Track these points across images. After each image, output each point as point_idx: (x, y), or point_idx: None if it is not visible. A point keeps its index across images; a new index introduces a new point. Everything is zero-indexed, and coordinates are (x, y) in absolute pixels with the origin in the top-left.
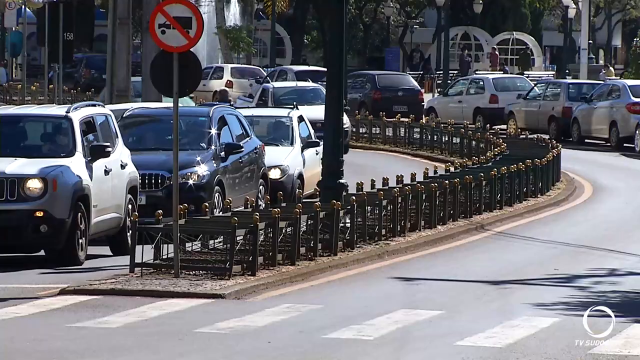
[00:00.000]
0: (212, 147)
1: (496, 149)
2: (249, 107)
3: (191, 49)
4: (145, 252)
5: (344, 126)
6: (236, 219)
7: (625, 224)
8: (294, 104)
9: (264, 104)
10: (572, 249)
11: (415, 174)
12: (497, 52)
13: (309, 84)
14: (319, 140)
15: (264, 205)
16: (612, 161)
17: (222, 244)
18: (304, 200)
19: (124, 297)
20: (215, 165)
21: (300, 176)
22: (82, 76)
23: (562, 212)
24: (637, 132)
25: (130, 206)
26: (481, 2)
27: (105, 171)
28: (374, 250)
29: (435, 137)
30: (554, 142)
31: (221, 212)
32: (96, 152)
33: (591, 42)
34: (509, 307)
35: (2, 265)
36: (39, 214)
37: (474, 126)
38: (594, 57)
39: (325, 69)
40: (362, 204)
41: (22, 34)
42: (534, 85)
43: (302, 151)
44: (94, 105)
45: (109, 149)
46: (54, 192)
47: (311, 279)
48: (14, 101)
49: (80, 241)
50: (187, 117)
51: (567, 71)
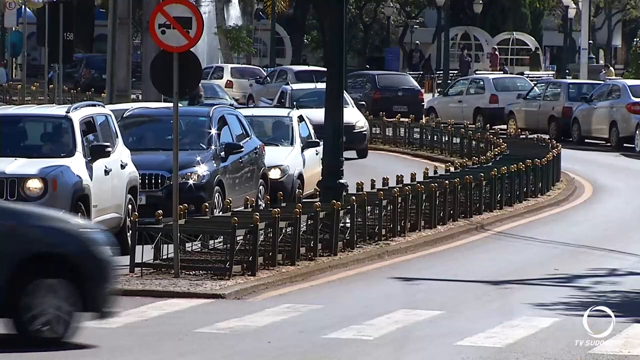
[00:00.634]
0: (212, 147)
1: (496, 149)
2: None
3: (191, 49)
4: (145, 252)
5: (362, 129)
6: (236, 219)
7: (625, 224)
8: (294, 104)
9: (282, 106)
10: (572, 249)
11: (415, 174)
12: (497, 52)
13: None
14: (319, 140)
15: (264, 205)
16: (612, 161)
17: (222, 244)
18: (304, 200)
19: (124, 297)
20: (215, 165)
21: (300, 176)
22: (82, 76)
23: (562, 212)
24: (637, 132)
25: (130, 206)
26: (481, 2)
27: (105, 171)
28: (374, 250)
29: (435, 137)
30: (554, 142)
31: (221, 212)
32: (96, 152)
33: (591, 42)
34: (509, 307)
35: None
36: None
37: (474, 126)
38: (594, 57)
39: (325, 69)
40: (362, 204)
41: (22, 34)
42: (534, 85)
43: (302, 151)
44: (94, 105)
45: (109, 149)
46: (54, 192)
47: (311, 279)
48: (14, 101)
49: None
50: (187, 117)
51: (567, 71)
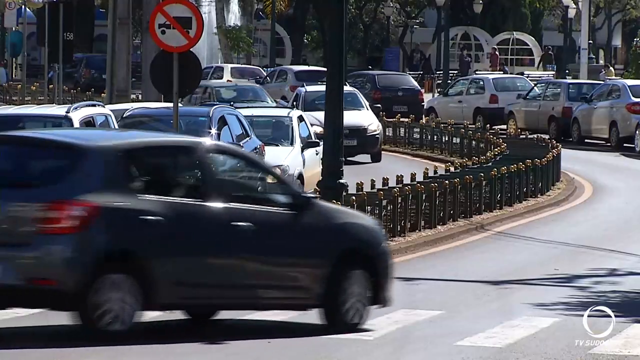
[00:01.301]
0: None
1: (496, 149)
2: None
3: (191, 49)
4: None
5: (375, 132)
6: None
7: (625, 224)
8: (294, 103)
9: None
10: (572, 249)
11: (415, 174)
12: (497, 52)
13: (344, 88)
14: (319, 140)
15: None
16: (612, 161)
17: None
18: None
19: None
20: None
21: (300, 176)
22: (82, 76)
23: (562, 212)
24: (637, 132)
25: None
26: (481, 2)
27: None
28: None
29: (435, 137)
30: (554, 142)
31: None
32: None
33: (591, 42)
34: (509, 307)
35: None
36: None
37: (474, 126)
38: (594, 57)
39: (325, 69)
40: (362, 204)
41: (22, 34)
42: (534, 85)
43: (302, 151)
44: (94, 105)
45: None
46: None
47: None
48: (14, 101)
49: None
50: (187, 117)
51: (567, 71)
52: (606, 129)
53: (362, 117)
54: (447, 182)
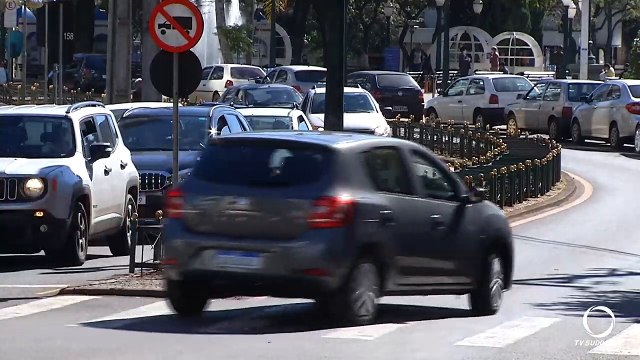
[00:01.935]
0: None
1: (496, 149)
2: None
3: (191, 49)
4: (145, 252)
5: (382, 135)
6: None
7: (625, 224)
8: (294, 103)
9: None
10: (572, 249)
11: None
12: (497, 53)
13: (355, 90)
14: None
15: None
16: (612, 161)
17: None
18: None
19: (124, 297)
20: None
21: None
22: (82, 76)
23: (562, 212)
24: (637, 132)
25: (130, 206)
26: (481, 2)
27: (105, 171)
28: None
29: (435, 137)
30: (554, 142)
31: None
32: (96, 152)
33: (591, 42)
34: (509, 307)
35: (2, 265)
36: (39, 214)
37: (474, 126)
38: (594, 57)
39: (325, 69)
40: None
41: (22, 34)
42: (534, 85)
43: None
44: (94, 105)
45: (109, 149)
46: (54, 192)
47: None
48: (14, 101)
49: (80, 241)
50: (187, 117)
51: (567, 71)
52: (606, 129)
53: (369, 120)
54: None
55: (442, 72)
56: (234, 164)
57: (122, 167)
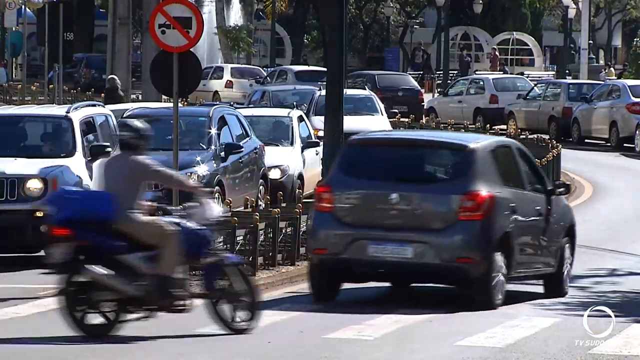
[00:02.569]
0: (212, 147)
1: None
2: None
3: (191, 49)
4: None
5: None
6: (236, 219)
7: (625, 224)
8: (294, 103)
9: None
10: None
11: None
12: (497, 53)
13: (361, 92)
14: (319, 140)
15: (264, 205)
16: (612, 161)
17: (222, 244)
18: (304, 200)
19: None
20: (215, 165)
21: (300, 176)
22: (82, 76)
23: None
24: (637, 132)
25: None
26: (481, 2)
27: None
28: None
29: None
30: (554, 142)
31: None
32: (96, 152)
33: (591, 42)
34: (509, 307)
35: (2, 265)
36: (39, 214)
37: (474, 126)
38: (594, 57)
39: (325, 69)
40: None
41: (22, 34)
42: (534, 85)
43: (302, 151)
44: (94, 105)
45: (109, 149)
46: (54, 192)
47: None
48: (14, 101)
49: None
50: (187, 117)
51: (567, 71)
52: (606, 129)
53: (371, 123)
54: None
55: (442, 72)
56: (377, 161)
57: None
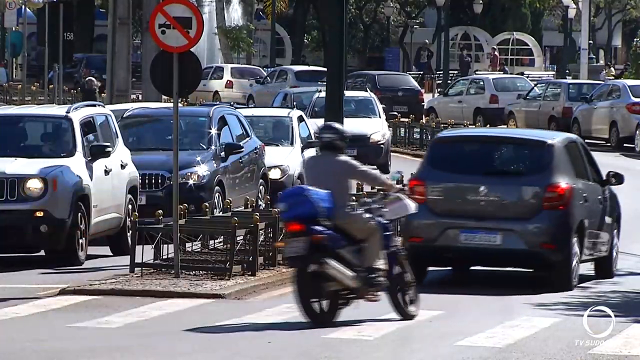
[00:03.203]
0: (212, 147)
1: None
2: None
3: (191, 49)
4: (145, 252)
5: (379, 142)
6: (236, 219)
7: (625, 224)
8: (294, 104)
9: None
10: None
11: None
12: (496, 53)
13: (360, 94)
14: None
15: (264, 205)
16: (612, 161)
17: (222, 244)
18: None
19: (124, 297)
20: (215, 165)
21: (300, 176)
22: (82, 76)
23: None
24: (637, 132)
25: (130, 206)
26: (481, 2)
27: (105, 171)
28: None
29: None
30: None
31: (221, 212)
32: (96, 152)
33: (591, 42)
34: (509, 307)
35: (2, 265)
36: (39, 214)
37: (474, 126)
38: (594, 57)
39: (325, 69)
40: None
41: (22, 34)
42: (534, 85)
43: (302, 151)
44: (94, 105)
45: (109, 149)
46: (54, 192)
47: None
48: (14, 101)
49: (80, 241)
50: (187, 117)
51: (567, 71)
52: (606, 129)
53: (366, 125)
54: None
55: (442, 72)
56: (465, 156)
57: (122, 167)
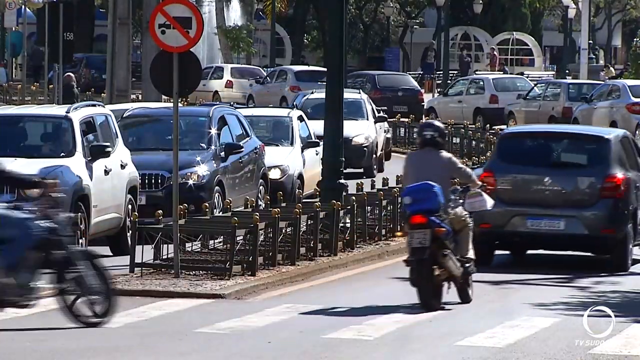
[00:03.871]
0: (212, 147)
1: None
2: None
3: (191, 49)
4: (145, 252)
5: (362, 144)
6: (236, 219)
7: None
8: (295, 104)
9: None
10: None
11: None
12: (496, 52)
13: (351, 95)
14: (318, 140)
15: (264, 205)
16: None
17: (222, 244)
18: (304, 200)
19: (124, 297)
20: (215, 165)
21: (300, 176)
22: (82, 76)
23: None
24: (637, 132)
25: (130, 206)
26: (481, 2)
27: (105, 171)
28: (374, 250)
29: None
30: None
31: (221, 212)
32: (96, 152)
33: (591, 42)
34: (509, 307)
35: None
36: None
37: (474, 126)
38: (594, 57)
39: (325, 69)
40: (362, 204)
41: (22, 34)
42: (534, 85)
43: (302, 151)
44: (94, 105)
45: (109, 149)
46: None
47: (311, 279)
48: (14, 101)
49: (80, 241)
50: (187, 117)
51: (567, 71)
52: None
53: (350, 127)
54: None
55: (442, 72)
56: (530, 150)
57: (122, 167)
